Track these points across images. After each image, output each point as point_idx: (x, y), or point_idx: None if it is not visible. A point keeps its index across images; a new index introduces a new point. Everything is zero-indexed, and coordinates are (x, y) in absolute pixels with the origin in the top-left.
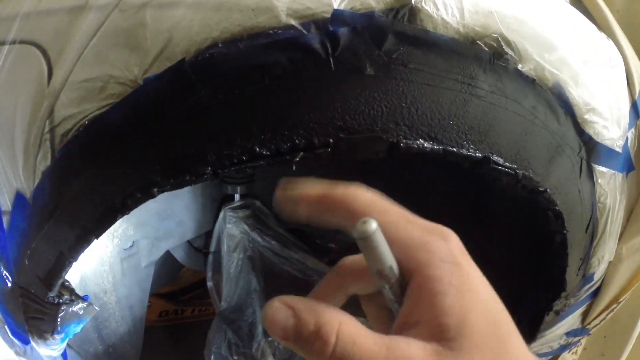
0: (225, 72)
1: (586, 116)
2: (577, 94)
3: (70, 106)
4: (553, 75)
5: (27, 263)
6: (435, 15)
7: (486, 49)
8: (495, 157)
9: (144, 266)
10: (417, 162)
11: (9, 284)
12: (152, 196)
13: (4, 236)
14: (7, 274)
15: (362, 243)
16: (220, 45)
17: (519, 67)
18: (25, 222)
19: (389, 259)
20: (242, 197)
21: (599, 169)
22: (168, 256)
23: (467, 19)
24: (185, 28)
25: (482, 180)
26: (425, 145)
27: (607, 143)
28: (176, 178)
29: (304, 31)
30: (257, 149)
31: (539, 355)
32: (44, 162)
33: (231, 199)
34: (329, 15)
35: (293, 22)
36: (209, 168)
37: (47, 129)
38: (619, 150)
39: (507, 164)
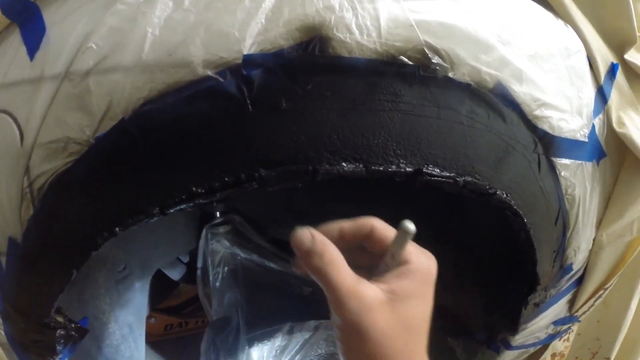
0: (159, 125)
1: (537, 112)
2: (523, 91)
3: (42, 164)
4: (492, 76)
5: (24, 294)
6: (349, 40)
7: (410, 63)
8: (430, 168)
9: (138, 286)
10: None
11: (11, 313)
12: (115, 235)
13: (2, 273)
14: (9, 304)
15: (401, 234)
16: (151, 102)
17: (450, 74)
18: (19, 260)
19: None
20: (222, 213)
21: (561, 161)
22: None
23: (385, 37)
24: (121, 91)
25: None
26: (346, 168)
27: (567, 135)
28: (133, 218)
29: (220, 79)
30: (194, 188)
31: (526, 346)
32: (28, 211)
33: (212, 215)
34: (240, 61)
35: (209, 72)
36: (157, 208)
37: (26, 184)
38: (584, 139)
39: (445, 172)
